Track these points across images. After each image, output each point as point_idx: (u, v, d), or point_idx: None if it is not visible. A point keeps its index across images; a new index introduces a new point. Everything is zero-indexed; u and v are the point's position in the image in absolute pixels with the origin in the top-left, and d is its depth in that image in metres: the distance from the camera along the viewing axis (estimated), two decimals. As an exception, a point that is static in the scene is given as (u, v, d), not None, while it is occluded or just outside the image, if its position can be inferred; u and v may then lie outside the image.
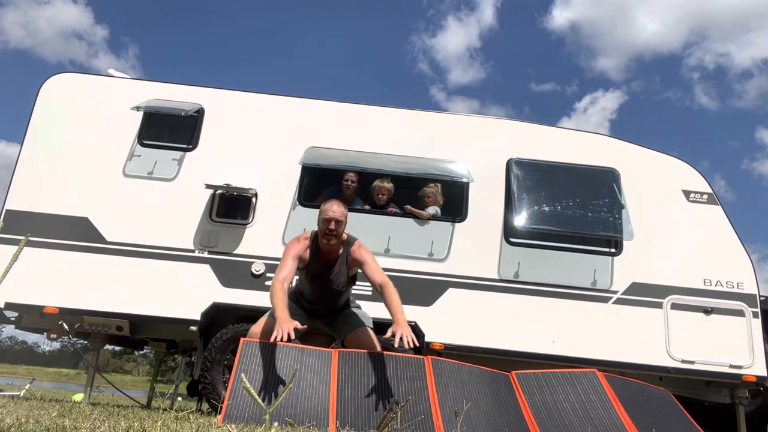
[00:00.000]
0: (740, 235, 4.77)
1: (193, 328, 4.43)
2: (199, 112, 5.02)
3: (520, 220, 4.73)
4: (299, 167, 4.83)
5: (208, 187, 4.71)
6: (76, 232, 4.64)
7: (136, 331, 4.80)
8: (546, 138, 5.13)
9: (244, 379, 1.63)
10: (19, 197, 4.72)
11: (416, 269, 4.64)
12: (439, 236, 4.74)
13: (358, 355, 3.07)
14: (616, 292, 4.64)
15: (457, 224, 4.79)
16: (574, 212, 4.77)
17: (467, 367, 3.18)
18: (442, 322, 4.51)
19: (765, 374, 4.43)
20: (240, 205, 4.78)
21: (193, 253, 4.64)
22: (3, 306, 4.47)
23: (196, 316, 4.44)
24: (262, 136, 5.02)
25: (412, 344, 2.78)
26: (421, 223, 4.77)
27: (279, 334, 2.73)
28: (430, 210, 4.85)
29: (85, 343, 5.07)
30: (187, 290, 4.54)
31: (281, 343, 3.01)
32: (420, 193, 4.94)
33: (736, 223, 4.82)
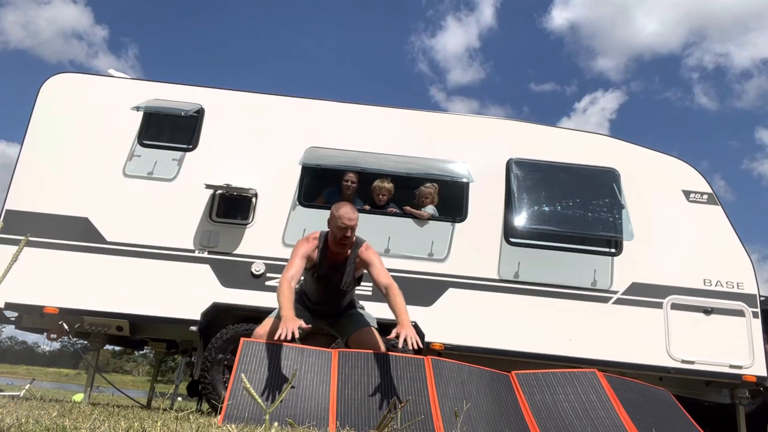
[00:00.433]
0: (740, 235, 4.77)
1: (193, 328, 4.43)
2: (199, 112, 5.02)
3: (520, 220, 4.73)
4: (299, 167, 4.83)
5: (208, 187, 4.71)
6: (76, 232, 4.64)
7: (136, 331, 4.81)
8: (546, 138, 5.13)
9: (244, 379, 1.63)
10: (19, 197, 4.72)
11: (416, 269, 4.64)
12: (439, 236, 4.74)
13: (358, 355, 3.07)
14: (616, 292, 4.64)
15: (457, 224, 4.79)
16: (574, 212, 4.78)
17: (467, 367, 3.18)
18: (442, 322, 4.51)
19: (765, 374, 4.43)
20: (240, 205, 4.78)
21: (193, 253, 4.64)
22: (3, 306, 4.47)
23: (196, 316, 4.44)
24: (262, 136, 5.02)
25: (416, 346, 2.78)
26: (421, 223, 4.77)
27: (283, 332, 2.73)
28: (429, 210, 4.85)
29: (85, 343, 5.07)
30: (187, 290, 4.54)
31: (282, 343, 3.02)
32: (417, 193, 4.94)
33: (736, 223, 4.83)
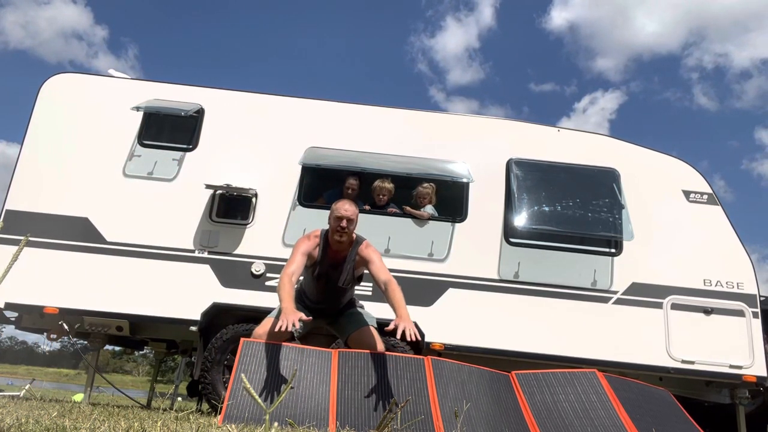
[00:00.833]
0: (740, 235, 4.77)
1: (193, 329, 4.43)
2: (199, 113, 5.02)
3: (520, 220, 4.73)
4: (299, 167, 4.83)
5: (208, 187, 4.71)
6: (76, 232, 4.64)
7: (136, 331, 4.81)
8: (546, 138, 5.12)
9: (244, 379, 1.63)
10: (19, 197, 4.72)
11: (416, 269, 4.63)
12: (439, 236, 4.74)
13: (358, 355, 3.07)
14: (616, 293, 4.64)
15: (457, 224, 4.79)
16: (574, 212, 4.77)
17: (467, 367, 3.18)
18: (442, 323, 4.51)
19: (765, 374, 4.43)
20: (240, 206, 4.78)
21: (193, 253, 4.64)
22: (3, 306, 4.47)
23: (196, 317, 4.44)
24: (262, 136, 5.01)
25: (415, 338, 2.77)
26: (421, 223, 4.77)
27: (284, 324, 2.74)
28: (428, 210, 4.85)
29: (85, 343, 5.07)
30: (187, 290, 4.54)
31: (282, 343, 3.02)
32: (415, 193, 4.93)
33: (736, 223, 4.83)
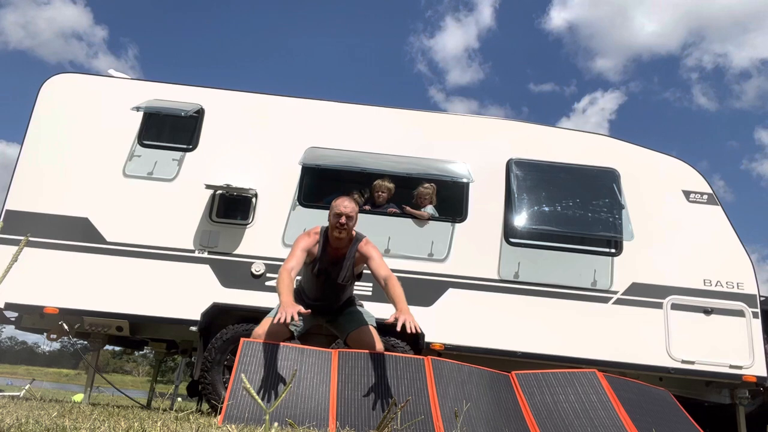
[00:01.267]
0: (740, 235, 4.77)
1: (193, 329, 4.43)
2: (199, 113, 5.02)
3: (520, 221, 4.73)
4: (299, 167, 4.83)
5: (208, 187, 4.71)
6: (76, 233, 4.64)
7: (136, 331, 4.81)
8: (546, 138, 5.13)
9: (244, 380, 1.63)
10: (19, 197, 4.72)
11: (416, 269, 4.63)
12: (439, 236, 4.74)
13: (358, 355, 3.07)
14: (616, 293, 4.64)
15: (457, 224, 4.79)
16: (574, 212, 4.77)
17: (467, 367, 3.18)
18: (442, 323, 4.51)
19: (765, 374, 4.43)
20: (240, 206, 4.78)
21: (193, 254, 4.64)
22: (3, 306, 4.47)
23: (196, 317, 4.44)
24: (262, 136, 5.01)
25: (415, 330, 2.77)
26: (421, 223, 4.77)
27: (282, 316, 2.75)
28: (428, 210, 4.85)
29: (85, 343, 5.07)
30: (187, 290, 4.54)
31: (282, 343, 3.02)
32: (416, 193, 4.93)
33: (736, 224, 4.83)
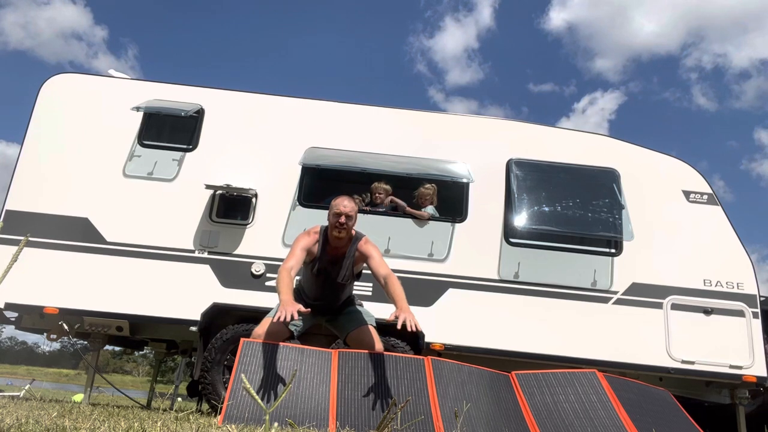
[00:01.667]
0: (740, 235, 4.77)
1: (193, 329, 4.43)
2: (199, 113, 5.02)
3: (520, 221, 4.73)
4: (299, 168, 4.83)
5: (208, 187, 4.71)
6: (76, 233, 4.64)
7: (136, 331, 4.81)
8: (546, 138, 5.13)
9: (244, 380, 1.63)
10: (20, 197, 4.72)
11: (416, 269, 4.63)
12: (439, 236, 4.74)
13: (358, 355, 3.07)
14: (616, 293, 4.64)
15: (457, 224, 4.79)
16: (574, 213, 4.77)
17: (467, 367, 3.18)
18: (442, 323, 4.51)
19: (765, 374, 4.43)
20: (240, 206, 4.78)
21: (193, 254, 4.64)
22: (3, 306, 4.47)
23: (196, 317, 4.44)
24: (262, 137, 5.02)
25: (415, 328, 2.76)
26: (421, 223, 4.77)
27: (282, 315, 2.75)
28: (429, 210, 4.86)
29: (85, 343, 5.07)
30: (187, 290, 4.54)
31: (282, 344, 3.02)
32: (416, 193, 4.93)
33: (736, 224, 4.83)
